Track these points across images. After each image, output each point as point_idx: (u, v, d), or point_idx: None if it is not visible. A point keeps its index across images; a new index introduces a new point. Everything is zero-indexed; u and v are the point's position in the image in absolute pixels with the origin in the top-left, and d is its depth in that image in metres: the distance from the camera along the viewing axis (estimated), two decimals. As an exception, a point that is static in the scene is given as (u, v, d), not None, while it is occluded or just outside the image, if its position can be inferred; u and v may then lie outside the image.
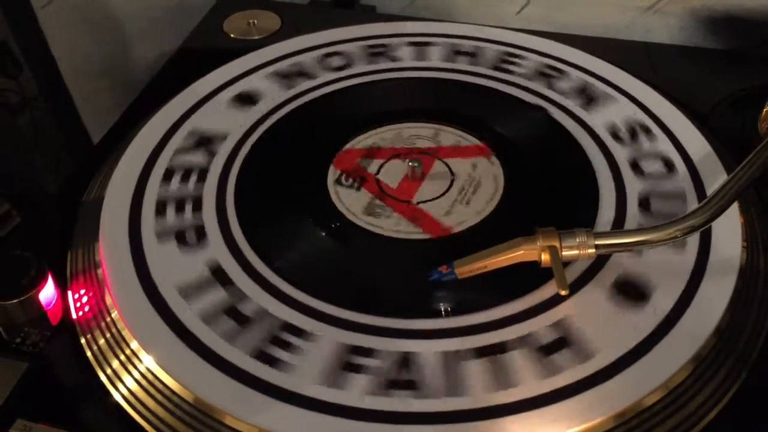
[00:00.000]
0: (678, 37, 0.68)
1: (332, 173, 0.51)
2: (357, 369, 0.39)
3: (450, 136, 0.53)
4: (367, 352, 0.40)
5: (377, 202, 0.49)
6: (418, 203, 0.48)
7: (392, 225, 0.47)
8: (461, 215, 0.47)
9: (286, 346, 0.40)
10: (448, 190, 0.49)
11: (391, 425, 0.37)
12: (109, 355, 0.42)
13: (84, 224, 0.49)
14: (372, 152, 0.52)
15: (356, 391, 0.38)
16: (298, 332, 0.41)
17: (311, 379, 0.39)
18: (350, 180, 0.50)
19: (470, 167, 0.51)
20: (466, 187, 0.49)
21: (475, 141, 0.53)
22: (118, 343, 0.42)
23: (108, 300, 0.43)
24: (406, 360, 0.39)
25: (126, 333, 0.42)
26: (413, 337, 0.40)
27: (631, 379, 0.38)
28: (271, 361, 0.39)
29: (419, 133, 0.54)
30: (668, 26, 0.68)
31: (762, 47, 0.56)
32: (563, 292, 0.39)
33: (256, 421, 0.37)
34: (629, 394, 0.37)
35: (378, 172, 0.51)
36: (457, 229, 0.47)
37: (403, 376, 0.39)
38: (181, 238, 0.46)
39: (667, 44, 0.66)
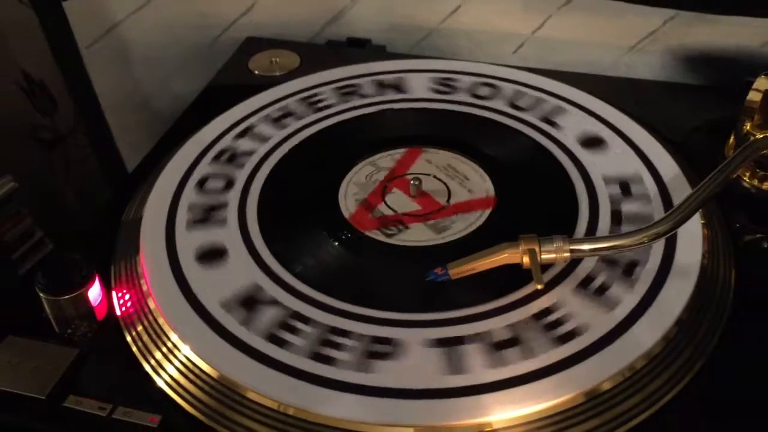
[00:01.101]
0: (659, 74, 0.74)
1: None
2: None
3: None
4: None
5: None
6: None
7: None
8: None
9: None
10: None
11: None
12: (152, 347, 0.48)
13: (125, 240, 0.56)
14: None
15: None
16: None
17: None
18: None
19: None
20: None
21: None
22: (159, 337, 0.48)
23: (151, 304, 0.49)
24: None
25: (167, 329, 0.48)
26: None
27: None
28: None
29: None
30: (650, 64, 0.74)
31: (732, 83, 0.62)
32: (539, 287, 0.46)
33: (275, 396, 0.43)
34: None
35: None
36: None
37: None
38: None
39: (649, 80, 0.73)
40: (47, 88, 0.92)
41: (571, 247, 0.47)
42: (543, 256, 0.47)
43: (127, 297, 0.51)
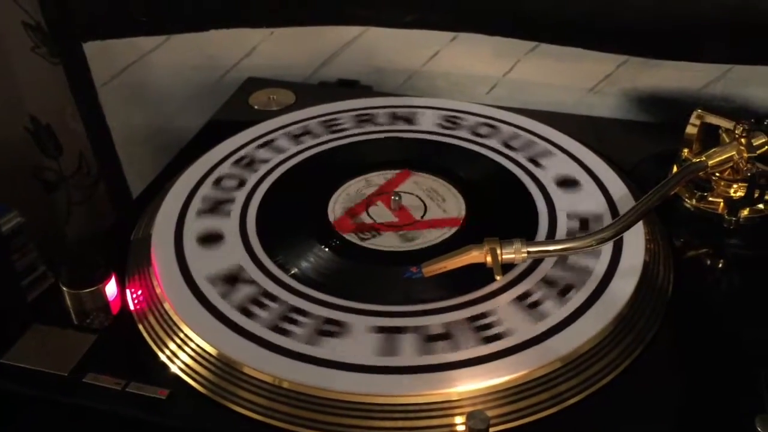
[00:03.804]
0: (616, 112, 0.82)
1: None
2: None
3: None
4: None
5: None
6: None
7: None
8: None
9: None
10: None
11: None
12: (165, 337, 0.54)
13: (136, 255, 0.62)
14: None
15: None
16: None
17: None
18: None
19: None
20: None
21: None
22: (171, 328, 0.54)
23: (167, 306, 0.56)
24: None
25: (180, 323, 0.54)
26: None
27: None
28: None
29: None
30: (607, 104, 0.82)
31: (678, 121, 0.70)
32: (498, 278, 0.53)
33: (267, 370, 0.50)
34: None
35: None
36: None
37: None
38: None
39: (607, 118, 0.81)
40: (54, 133, 1.00)
41: (529, 249, 0.54)
42: (504, 256, 0.54)
43: (139, 293, 0.58)
